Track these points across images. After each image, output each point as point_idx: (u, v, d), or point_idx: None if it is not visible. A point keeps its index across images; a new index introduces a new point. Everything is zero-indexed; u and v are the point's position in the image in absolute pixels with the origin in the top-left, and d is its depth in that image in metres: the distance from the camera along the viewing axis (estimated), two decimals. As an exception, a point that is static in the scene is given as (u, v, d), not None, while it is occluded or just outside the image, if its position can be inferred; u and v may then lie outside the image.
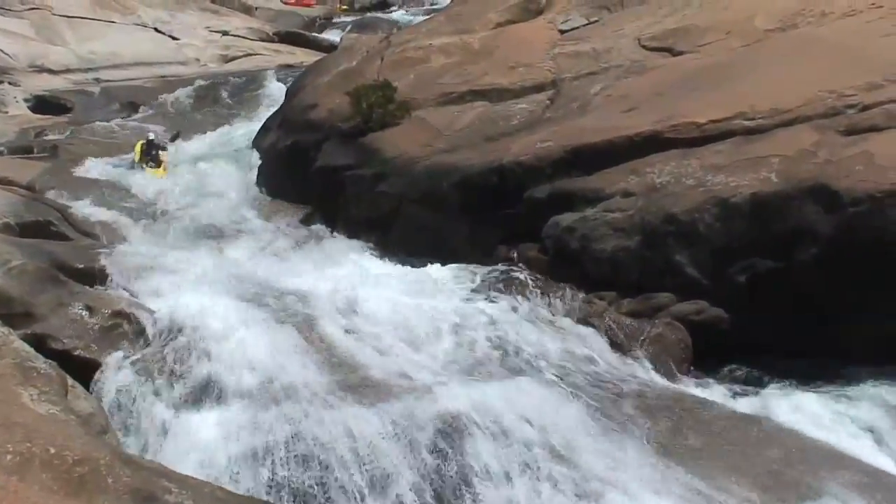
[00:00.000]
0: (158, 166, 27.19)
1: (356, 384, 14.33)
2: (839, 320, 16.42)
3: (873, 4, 21.87)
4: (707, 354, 16.78)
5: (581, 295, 17.74)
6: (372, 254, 21.18)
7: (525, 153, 20.12)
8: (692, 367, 16.66)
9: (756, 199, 17.14)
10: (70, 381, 12.64)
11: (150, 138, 27.77)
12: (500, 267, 18.89)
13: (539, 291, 17.88)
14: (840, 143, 17.65)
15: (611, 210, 18.38)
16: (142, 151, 27.31)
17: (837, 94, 18.70)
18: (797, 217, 16.85)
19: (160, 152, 27.64)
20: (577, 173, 19.30)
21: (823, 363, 16.40)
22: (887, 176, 16.65)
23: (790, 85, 19.36)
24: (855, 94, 18.59)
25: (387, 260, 20.55)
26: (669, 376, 16.08)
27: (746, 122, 18.67)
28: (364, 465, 12.46)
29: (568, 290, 17.88)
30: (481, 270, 18.84)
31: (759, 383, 16.23)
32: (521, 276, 18.37)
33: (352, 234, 22.23)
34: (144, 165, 27.03)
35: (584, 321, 17.02)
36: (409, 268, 19.79)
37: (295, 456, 12.61)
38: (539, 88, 23.70)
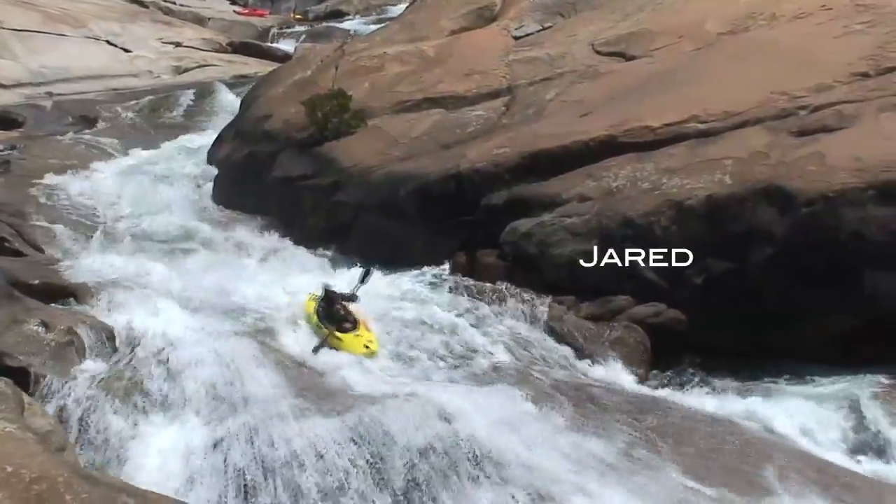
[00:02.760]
0: (354, 327, 16.31)
1: (316, 393, 14.28)
2: (793, 320, 16.62)
3: (823, 6, 22.17)
4: (666, 355, 16.89)
5: (540, 300, 17.77)
6: (330, 263, 21.10)
7: (482, 160, 20.22)
8: (652, 369, 16.76)
9: (711, 202, 17.31)
10: (27, 398, 12.50)
11: (329, 288, 17.10)
12: (459, 274, 18.96)
13: (498, 297, 17.91)
14: (792, 144, 17.86)
15: (568, 215, 18.48)
16: (317, 312, 16.81)
17: (789, 95, 18.96)
18: (751, 218, 17.04)
19: (346, 307, 16.71)
20: (533, 179, 19.43)
21: (778, 362, 16.59)
22: (839, 176, 16.86)
23: (742, 87, 19.58)
24: (806, 96, 18.86)
25: (345, 269, 20.47)
26: (629, 378, 16.14)
27: (700, 125, 18.90)
28: (323, 475, 12.36)
29: (527, 295, 17.91)
30: (440, 277, 18.90)
31: (717, 383, 16.34)
32: (480, 283, 18.43)
33: (310, 243, 22.16)
34: (329, 332, 16.21)
35: (544, 326, 17.07)
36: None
37: (254, 467, 12.49)
38: (494, 95, 23.83)
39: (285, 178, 24.05)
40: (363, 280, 17.30)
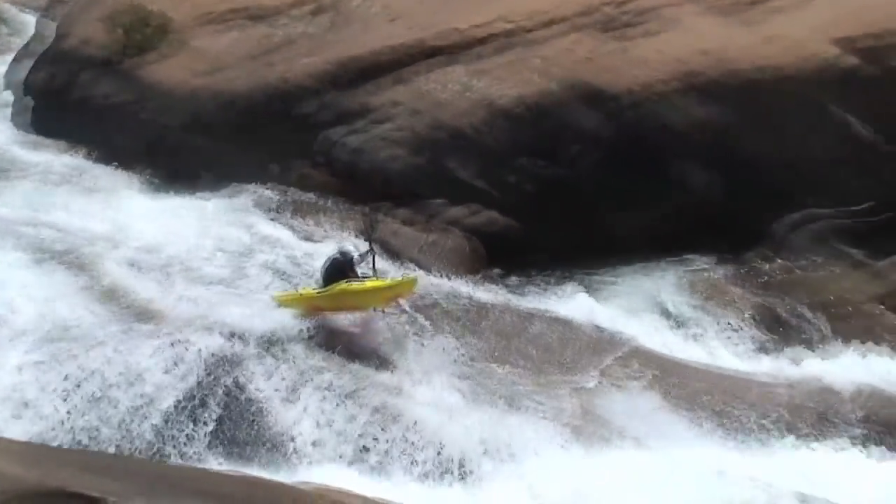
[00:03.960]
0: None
1: (136, 317, 13.91)
2: (608, 215, 17.02)
3: None
4: (488, 257, 17.06)
5: (357, 208, 17.69)
6: (142, 184, 20.39)
7: (291, 71, 19.82)
8: (471, 269, 16.81)
9: (522, 101, 17.46)
10: None
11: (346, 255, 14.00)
12: (275, 187, 18.68)
13: (314, 209, 17.77)
14: (600, 40, 18.13)
15: (381, 121, 18.35)
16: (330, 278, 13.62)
17: (595, -7, 19.16)
18: (563, 116, 17.27)
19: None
20: (345, 87, 19.14)
21: (597, 257, 16.94)
22: (646, 71, 17.27)
23: (549, -14, 19.69)
24: (613, -8, 19.10)
25: (158, 190, 19.86)
26: (448, 279, 16.13)
27: (508, 25, 18.89)
28: (144, 397, 12.06)
29: (343, 204, 17.85)
30: (255, 192, 18.59)
31: (537, 280, 16.62)
32: (296, 196, 18.26)
33: (119, 165, 21.23)
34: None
35: (361, 233, 16.91)
36: (181, 196, 19.21)
37: (76, 394, 12.08)
38: (302, 4, 23.12)
39: (88, 99, 22.98)
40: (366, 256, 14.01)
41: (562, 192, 17.05)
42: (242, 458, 11.60)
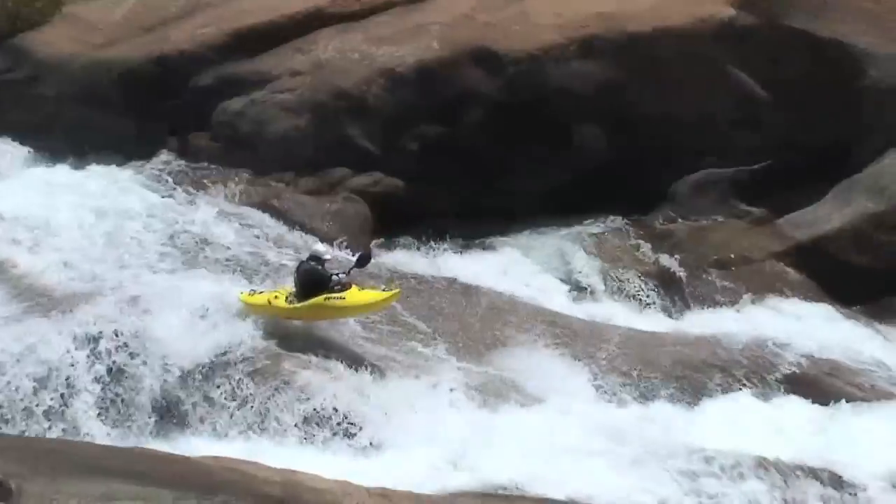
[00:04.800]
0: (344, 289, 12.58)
1: (36, 298, 13.59)
2: (508, 179, 17.12)
3: None
4: (388, 223, 16.98)
5: (258, 179, 17.51)
6: (37, 160, 19.86)
7: (186, 41, 19.44)
8: (375, 237, 16.78)
9: (421, 67, 17.40)
10: None
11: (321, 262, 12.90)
12: (173, 160, 18.35)
13: (214, 180, 17.51)
14: (497, 4, 18.14)
15: (280, 91, 18.13)
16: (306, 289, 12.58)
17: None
18: (462, 81, 17.27)
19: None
20: (242, 57, 18.85)
21: (497, 221, 17.08)
22: (544, 34, 17.30)
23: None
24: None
25: (54, 165, 19.30)
26: (352, 248, 15.98)
27: (407, -8, 18.88)
28: (48, 380, 11.82)
29: (244, 175, 17.61)
30: (154, 165, 18.25)
31: (439, 247, 16.57)
32: (195, 167, 17.97)
33: (12, 141, 20.74)
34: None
35: (263, 204, 16.80)
36: (78, 171, 18.74)
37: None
38: (198, -26, 22.80)
39: (-21, 76, 22.38)
40: (359, 265, 13.23)
41: (464, 158, 17.06)
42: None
